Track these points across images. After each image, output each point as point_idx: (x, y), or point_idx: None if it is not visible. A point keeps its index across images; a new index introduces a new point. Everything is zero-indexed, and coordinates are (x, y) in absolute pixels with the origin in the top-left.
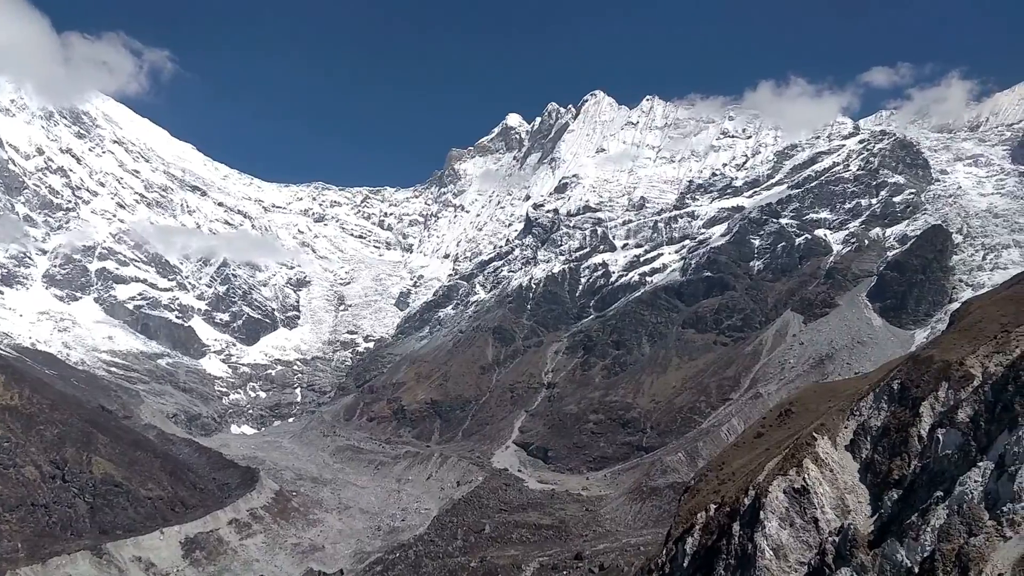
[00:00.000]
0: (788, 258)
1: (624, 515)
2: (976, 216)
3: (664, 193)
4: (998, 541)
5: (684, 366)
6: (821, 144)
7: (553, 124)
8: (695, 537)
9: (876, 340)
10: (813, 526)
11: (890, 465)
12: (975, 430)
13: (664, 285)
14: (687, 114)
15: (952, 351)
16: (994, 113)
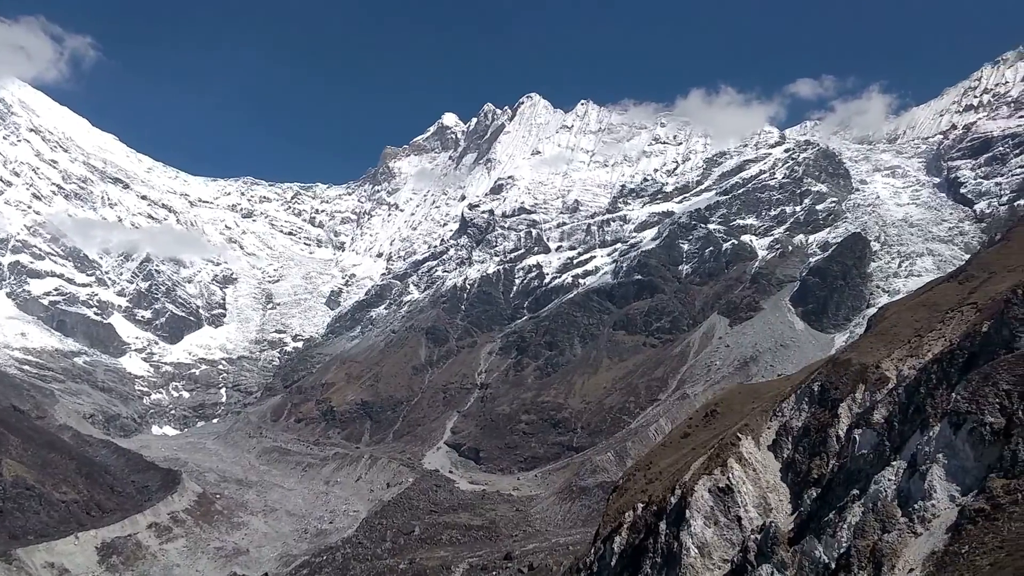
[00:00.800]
0: (715, 263)
1: (554, 515)
2: (893, 225)
3: (597, 197)
4: (910, 537)
5: (615, 367)
6: (748, 152)
7: (489, 125)
8: (623, 536)
9: (798, 343)
10: (736, 524)
11: (810, 464)
12: (889, 431)
13: (596, 287)
14: (620, 119)
15: (869, 355)
16: (911, 126)
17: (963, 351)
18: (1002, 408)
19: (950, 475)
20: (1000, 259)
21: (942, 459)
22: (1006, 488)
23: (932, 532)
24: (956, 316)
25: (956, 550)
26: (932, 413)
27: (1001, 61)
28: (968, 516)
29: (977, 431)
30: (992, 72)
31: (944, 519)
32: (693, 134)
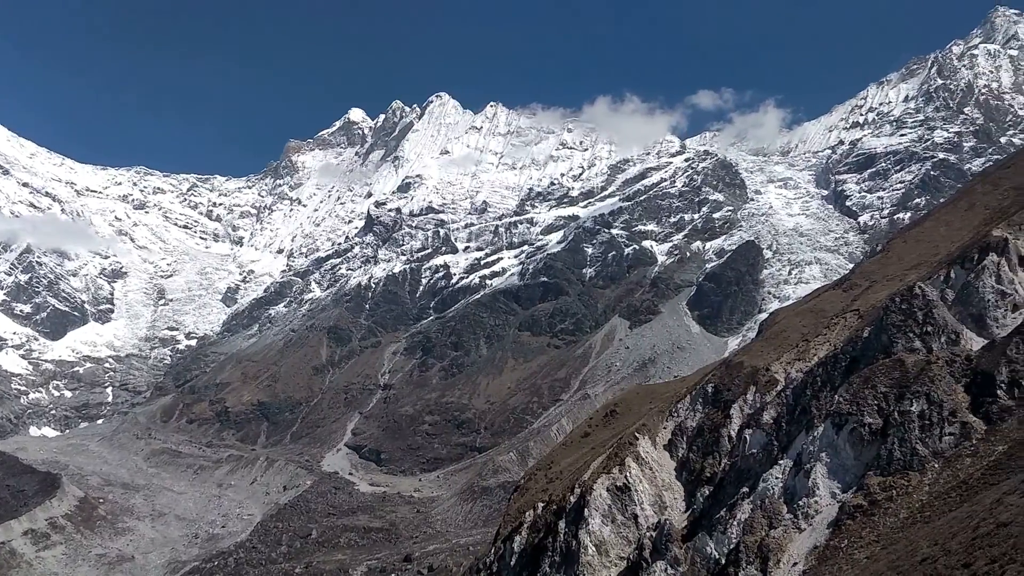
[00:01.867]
0: (617, 266)
1: (455, 515)
2: (784, 234)
3: (505, 199)
4: (794, 533)
5: (519, 368)
6: (651, 160)
7: (397, 122)
8: (523, 536)
9: (694, 346)
10: (633, 522)
11: (703, 463)
12: (778, 431)
13: (503, 288)
14: (529, 123)
15: (760, 358)
16: (803, 140)
17: (846, 355)
18: (880, 409)
19: (832, 473)
20: (880, 269)
21: (825, 458)
22: (882, 485)
23: (815, 528)
24: (840, 322)
25: (836, 544)
26: (817, 414)
27: (885, 82)
28: (847, 512)
29: (857, 431)
30: (877, 92)
31: (826, 515)
32: (599, 140)
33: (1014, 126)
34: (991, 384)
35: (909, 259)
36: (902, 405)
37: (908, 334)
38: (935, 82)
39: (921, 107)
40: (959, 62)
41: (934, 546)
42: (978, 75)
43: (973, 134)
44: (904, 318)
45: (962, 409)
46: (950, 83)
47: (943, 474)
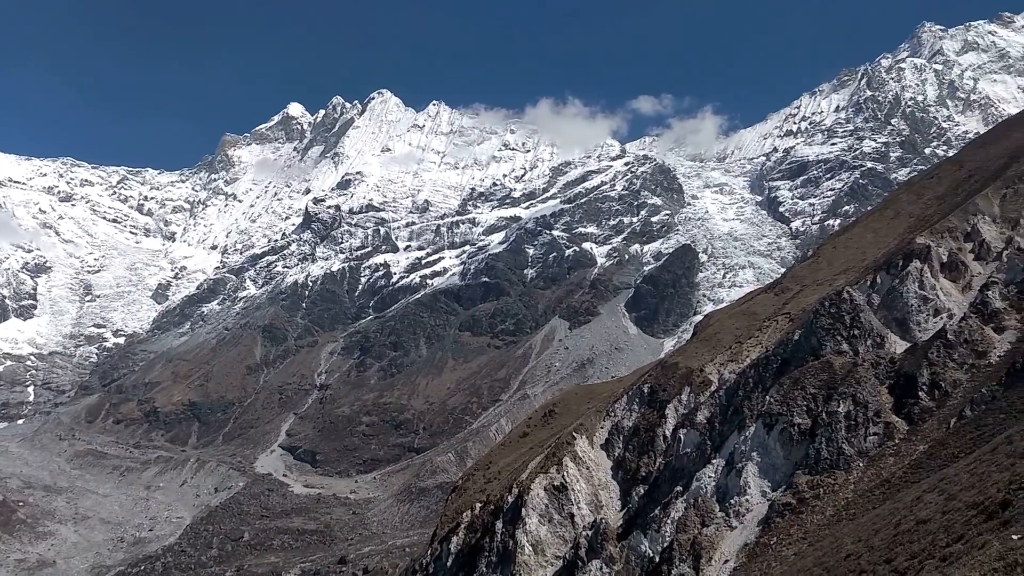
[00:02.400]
0: (558, 268)
1: (392, 517)
2: (719, 239)
3: (447, 198)
4: (726, 531)
5: (459, 368)
6: (592, 163)
7: (338, 118)
8: (460, 536)
9: (631, 347)
10: (569, 521)
11: (639, 462)
12: (711, 430)
13: (444, 288)
14: (472, 123)
15: (694, 359)
16: (738, 147)
17: (777, 357)
18: (809, 410)
19: (763, 472)
20: (811, 273)
21: (756, 457)
22: (810, 484)
23: (746, 525)
24: (772, 325)
25: (766, 542)
26: (749, 414)
27: (818, 92)
28: (777, 510)
29: (787, 431)
30: (810, 101)
31: (756, 513)
32: (541, 142)
33: (938, 138)
34: (913, 386)
35: (838, 264)
36: (830, 406)
37: (836, 337)
38: (864, 94)
39: (851, 117)
40: (887, 75)
41: (858, 543)
42: (905, 88)
43: (899, 145)
44: (832, 321)
45: (886, 410)
46: (879, 95)
47: (867, 473)
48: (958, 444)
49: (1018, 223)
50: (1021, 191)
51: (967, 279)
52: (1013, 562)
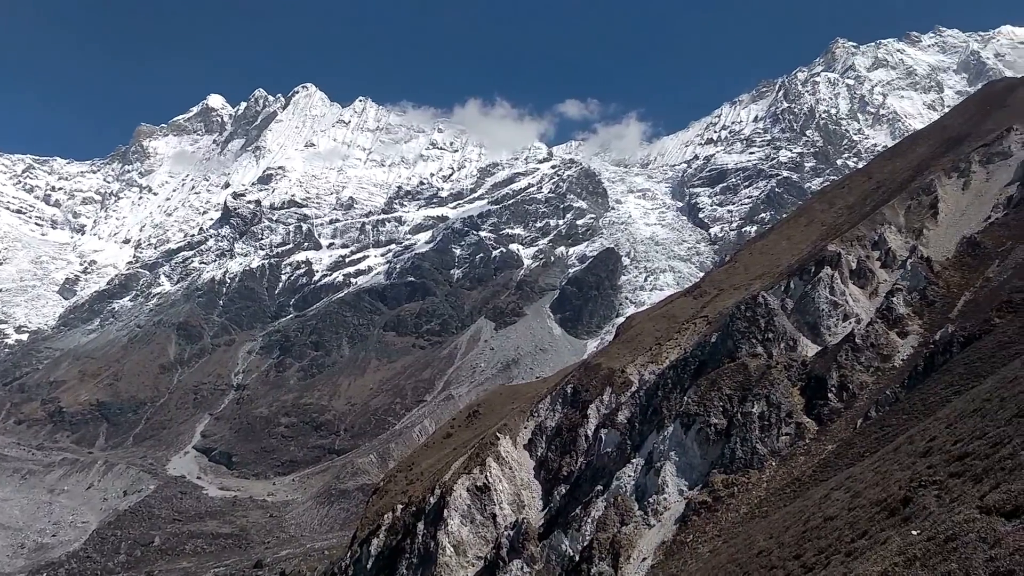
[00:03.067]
0: (485, 268)
1: (311, 519)
2: (642, 243)
3: (373, 196)
4: (644, 529)
5: (383, 368)
6: (519, 165)
7: (260, 111)
8: (380, 538)
9: (555, 348)
10: (492, 522)
11: (561, 462)
12: (631, 430)
13: (368, 287)
14: (399, 120)
15: (616, 360)
16: (661, 154)
17: (695, 359)
18: (725, 410)
19: (680, 471)
20: (728, 278)
21: (674, 456)
22: (725, 482)
23: (663, 523)
24: (690, 327)
25: (683, 539)
26: (667, 414)
27: (738, 102)
28: (693, 508)
29: (704, 431)
30: (730, 111)
31: (674, 511)
32: (469, 143)
33: (849, 150)
34: (823, 388)
35: (754, 269)
36: (744, 407)
37: (751, 340)
38: (782, 105)
39: (769, 128)
40: (803, 88)
41: (770, 539)
42: (819, 101)
43: (813, 155)
44: (748, 325)
45: (797, 411)
46: (795, 107)
47: (779, 472)
48: (864, 444)
49: (921, 233)
50: (924, 203)
51: (874, 286)
52: (912, 556)
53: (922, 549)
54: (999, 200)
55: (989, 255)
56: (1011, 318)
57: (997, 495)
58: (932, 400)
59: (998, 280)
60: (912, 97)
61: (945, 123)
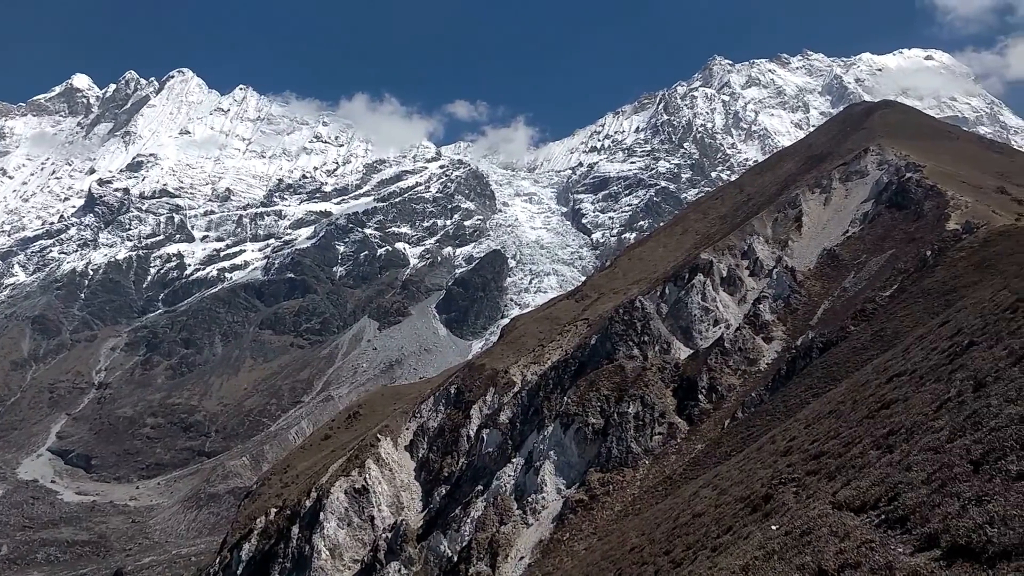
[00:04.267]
0: (369, 267)
1: (177, 525)
2: (527, 246)
3: (252, 188)
4: (523, 528)
5: (258, 368)
6: (407, 163)
7: (131, 94)
8: (252, 543)
9: (440, 348)
10: (370, 524)
11: (442, 463)
12: (512, 430)
13: (244, 283)
14: (282, 111)
15: (500, 361)
16: (547, 159)
17: (575, 360)
18: (602, 410)
19: (559, 470)
20: (608, 282)
21: (553, 456)
22: (601, 481)
23: (541, 522)
24: (572, 329)
25: (559, 537)
26: (548, 414)
27: (621, 112)
28: (570, 507)
29: (582, 431)
30: (613, 121)
31: (552, 510)
32: (355, 138)
33: (723, 163)
34: (694, 389)
35: (632, 275)
36: (621, 407)
37: (628, 342)
38: (662, 117)
39: (649, 139)
40: (682, 102)
41: (642, 536)
42: (696, 115)
43: (690, 167)
44: (626, 328)
45: (670, 411)
46: (674, 120)
47: (652, 470)
48: (731, 443)
49: (787, 244)
50: (790, 216)
51: (743, 293)
52: (771, 550)
53: (780, 543)
54: (856, 215)
55: (846, 267)
56: (864, 326)
57: (848, 491)
58: (793, 402)
59: (853, 290)
60: (781, 115)
61: (810, 141)
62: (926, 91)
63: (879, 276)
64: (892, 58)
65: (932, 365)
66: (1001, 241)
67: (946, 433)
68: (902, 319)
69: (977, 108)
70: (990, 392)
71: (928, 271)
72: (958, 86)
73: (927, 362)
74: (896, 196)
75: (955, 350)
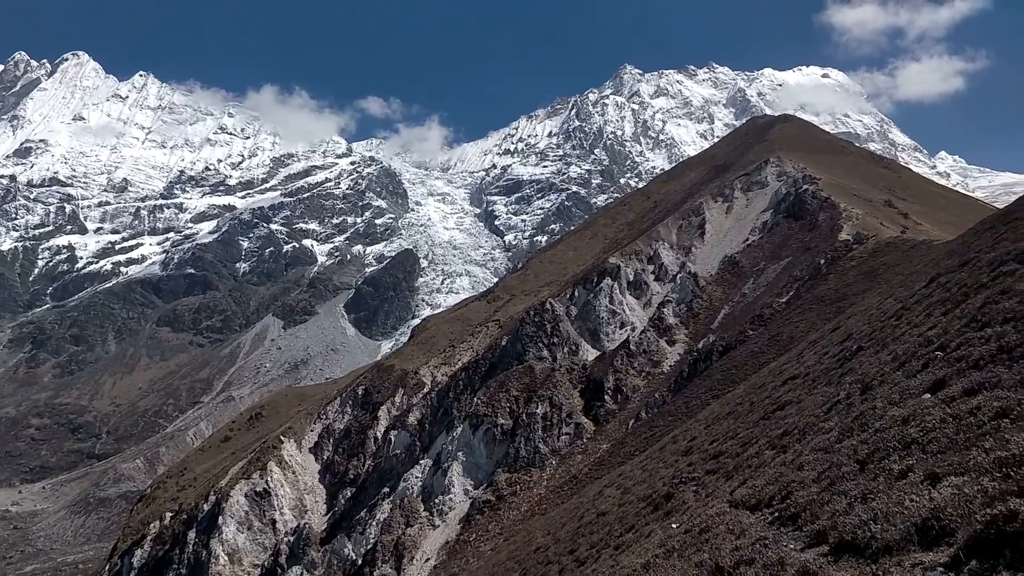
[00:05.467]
0: (275, 263)
1: (63, 531)
2: (439, 246)
3: (151, 179)
4: (429, 529)
5: (154, 366)
6: (317, 158)
7: (20, 76)
8: (145, 548)
9: (348, 348)
10: (271, 528)
11: (348, 465)
12: (421, 431)
13: (141, 278)
14: (185, 100)
15: (410, 361)
16: (461, 160)
17: (486, 361)
18: (512, 411)
19: (467, 471)
20: (520, 284)
21: (462, 457)
22: (509, 481)
23: (448, 523)
24: (483, 330)
25: (466, 538)
26: (457, 415)
27: (534, 116)
28: (477, 507)
29: (491, 431)
30: (527, 124)
31: (459, 511)
32: (263, 131)
33: (631, 170)
34: (601, 390)
35: (544, 277)
36: (530, 407)
37: (539, 344)
38: (574, 123)
39: (561, 143)
40: (593, 108)
41: (547, 536)
42: (607, 122)
43: (600, 173)
44: (536, 330)
45: (577, 412)
46: (585, 126)
47: (559, 470)
48: (635, 443)
49: (690, 251)
50: (694, 223)
51: (648, 297)
52: (671, 548)
53: (680, 541)
54: (756, 224)
55: (746, 273)
56: (762, 331)
57: (744, 490)
58: (694, 403)
59: (752, 296)
60: (687, 126)
61: (714, 152)
62: (822, 107)
63: (776, 283)
64: (792, 74)
65: (824, 369)
66: (888, 251)
67: (835, 434)
68: (797, 324)
69: (868, 125)
70: (876, 395)
71: (821, 279)
72: (852, 104)
73: (819, 366)
74: (793, 207)
75: (845, 355)
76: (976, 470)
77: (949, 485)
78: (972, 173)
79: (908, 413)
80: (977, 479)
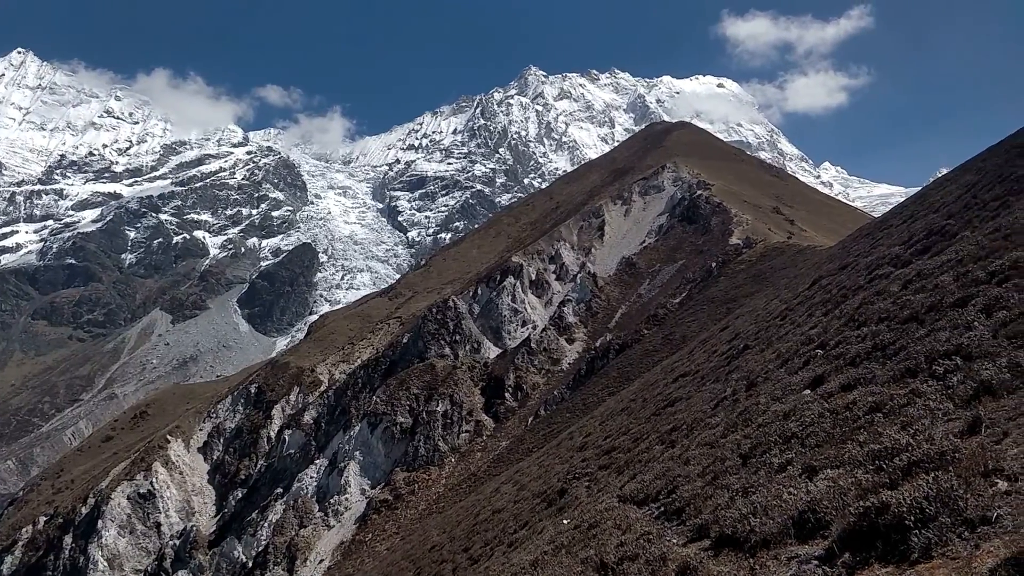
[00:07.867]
0: (164, 255)
1: None
2: (340, 240)
3: (28, 163)
4: (324, 530)
5: (29, 362)
6: (210, 147)
7: None
8: (16, 555)
9: (241, 345)
10: (156, 531)
11: (239, 465)
12: (317, 431)
13: (15, 267)
14: (68, 81)
15: (307, 359)
16: (364, 153)
17: (387, 359)
18: (411, 409)
19: (364, 471)
20: (422, 281)
21: (359, 456)
22: (406, 480)
23: (344, 524)
24: (384, 327)
25: (362, 538)
26: (355, 414)
27: (439, 113)
28: (374, 507)
29: (390, 430)
30: (432, 121)
31: (355, 511)
32: (153, 116)
33: (535, 171)
34: (501, 387)
35: (447, 275)
36: (430, 405)
37: (440, 342)
38: (479, 121)
39: (466, 141)
40: (498, 108)
41: (443, 534)
42: (512, 122)
43: (504, 172)
44: (438, 327)
45: (478, 409)
46: (490, 125)
47: (458, 468)
48: (533, 440)
49: (590, 251)
50: (594, 225)
51: (550, 296)
52: (560, 544)
53: (569, 537)
54: (653, 227)
55: (642, 274)
56: (656, 330)
57: (633, 485)
58: (591, 400)
59: (647, 296)
60: (589, 129)
61: (614, 156)
62: (717, 116)
63: (671, 284)
64: (689, 83)
65: (713, 367)
66: (775, 256)
67: (721, 429)
68: (689, 324)
69: (759, 135)
70: (760, 391)
71: (713, 281)
72: (744, 113)
73: (708, 364)
74: (688, 211)
75: (732, 353)
76: (851, 463)
77: (825, 478)
78: (853, 183)
79: (789, 408)
80: (852, 472)
